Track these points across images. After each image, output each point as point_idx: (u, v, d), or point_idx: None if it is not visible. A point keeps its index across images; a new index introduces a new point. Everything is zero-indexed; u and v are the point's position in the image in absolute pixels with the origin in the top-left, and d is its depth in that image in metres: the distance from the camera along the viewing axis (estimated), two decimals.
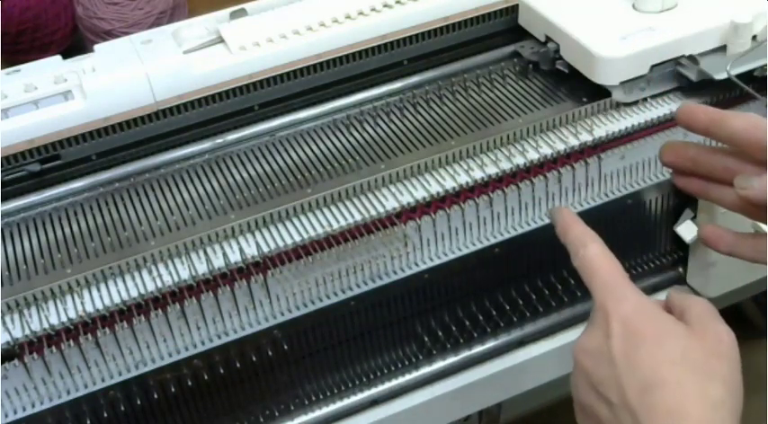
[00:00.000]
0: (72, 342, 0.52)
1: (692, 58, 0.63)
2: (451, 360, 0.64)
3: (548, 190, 0.60)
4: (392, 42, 0.68)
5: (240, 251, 0.55)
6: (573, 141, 0.60)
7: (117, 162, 0.64)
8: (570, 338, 0.66)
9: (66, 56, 0.66)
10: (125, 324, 0.53)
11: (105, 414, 0.55)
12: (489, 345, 0.65)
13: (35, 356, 0.51)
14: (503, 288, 0.64)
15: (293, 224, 0.56)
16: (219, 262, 0.54)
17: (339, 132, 0.65)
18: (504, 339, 0.65)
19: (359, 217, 0.56)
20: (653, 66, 0.62)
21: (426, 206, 0.57)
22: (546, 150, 0.60)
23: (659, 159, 0.56)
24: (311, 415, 0.62)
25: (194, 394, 0.57)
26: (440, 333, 0.63)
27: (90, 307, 0.52)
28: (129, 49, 0.64)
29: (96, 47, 0.66)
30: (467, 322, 0.63)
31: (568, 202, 0.61)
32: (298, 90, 0.67)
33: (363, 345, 0.62)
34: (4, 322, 0.52)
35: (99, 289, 0.53)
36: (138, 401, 0.56)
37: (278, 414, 0.61)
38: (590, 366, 0.46)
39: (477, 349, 0.65)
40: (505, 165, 0.59)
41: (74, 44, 1.23)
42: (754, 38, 0.63)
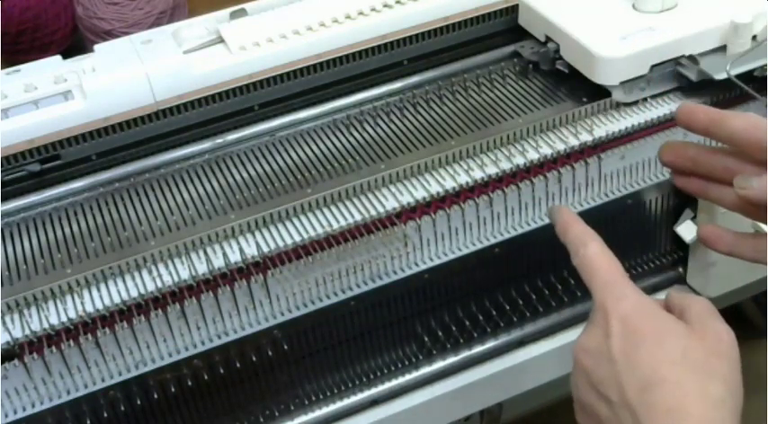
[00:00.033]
0: (72, 342, 0.52)
1: (692, 58, 0.63)
2: (451, 360, 0.64)
3: (548, 190, 0.60)
4: (392, 42, 0.68)
5: (240, 251, 0.55)
6: (573, 141, 0.60)
7: (117, 162, 0.64)
8: (570, 338, 0.66)
9: (66, 56, 0.66)
10: (125, 324, 0.53)
11: (105, 414, 0.55)
12: (489, 345, 0.65)
13: (35, 356, 0.51)
14: (503, 288, 0.64)
15: (293, 224, 0.56)
16: (219, 262, 0.54)
17: (339, 132, 0.65)
18: (504, 339, 0.65)
19: (359, 217, 0.56)
20: (653, 66, 0.62)
21: (426, 206, 0.57)
22: (546, 150, 0.60)
23: (659, 159, 0.56)
24: (311, 415, 0.62)
25: (194, 394, 0.57)
26: (440, 333, 0.63)
27: (90, 307, 0.52)
28: (129, 49, 0.64)
29: (96, 47, 0.66)
30: (467, 322, 0.63)
31: (568, 202, 0.61)
32: (298, 90, 0.67)
33: (363, 345, 0.62)
34: (4, 322, 0.52)
35: (99, 289, 0.53)
36: (138, 401, 0.56)
37: (278, 414, 0.61)
38: (590, 365, 0.46)
39: (477, 349, 0.65)
40: (505, 165, 0.59)
41: (74, 44, 1.23)
42: (754, 38, 0.63)
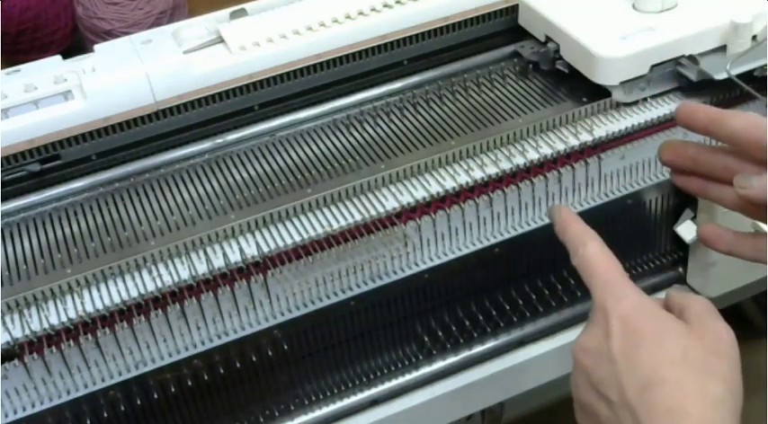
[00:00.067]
0: (72, 342, 0.52)
1: (692, 58, 0.63)
2: (451, 360, 0.64)
3: (548, 190, 0.60)
4: (392, 42, 0.68)
5: (240, 251, 0.55)
6: (573, 141, 0.60)
7: (117, 162, 0.64)
8: (570, 338, 0.66)
9: (66, 56, 0.66)
10: (125, 324, 0.53)
11: (105, 414, 0.55)
12: (489, 345, 0.65)
13: (35, 356, 0.51)
14: (503, 288, 0.64)
15: (293, 224, 0.56)
16: (219, 262, 0.54)
17: (339, 132, 0.65)
18: (504, 339, 0.65)
19: (359, 217, 0.56)
20: (653, 66, 0.62)
21: (426, 206, 0.57)
22: (546, 150, 0.60)
23: (658, 158, 0.56)
24: (311, 415, 0.62)
25: (194, 394, 0.57)
26: (440, 333, 0.63)
27: (90, 307, 0.52)
28: (129, 49, 0.64)
29: (96, 47, 0.66)
30: (467, 322, 0.63)
31: (568, 202, 0.61)
32: (298, 90, 0.67)
33: (363, 345, 0.62)
34: (4, 322, 0.52)
35: (99, 289, 0.53)
36: (138, 401, 0.56)
37: (278, 414, 0.61)
38: (590, 364, 0.46)
39: (477, 349, 0.65)
40: (505, 165, 0.59)
41: (74, 44, 1.23)
42: (754, 38, 0.63)
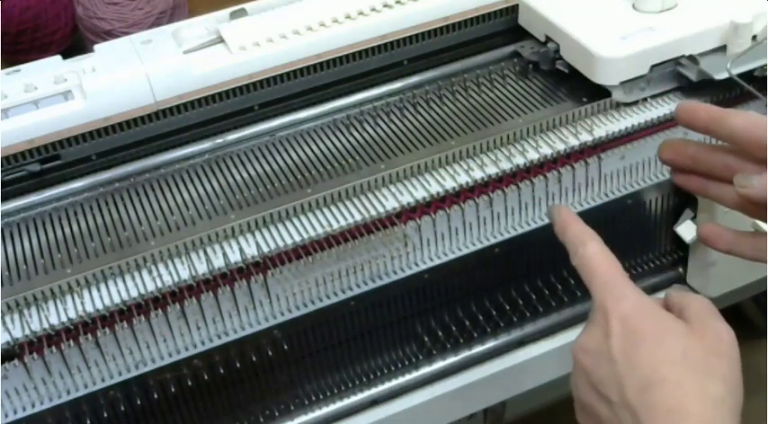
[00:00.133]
0: (72, 342, 0.52)
1: (692, 58, 0.63)
2: (451, 360, 0.64)
3: (548, 190, 0.60)
4: (392, 42, 0.68)
5: (240, 251, 0.55)
6: (573, 141, 0.60)
7: (117, 162, 0.64)
8: (570, 338, 0.66)
9: (66, 56, 0.66)
10: (125, 324, 0.53)
11: (105, 414, 0.55)
12: (489, 345, 0.65)
13: (35, 356, 0.51)
14: (503, 288, 0.64)
15: (293, 224, 0.56)
16: (219, 262, 0.54)
17: (339, 132, 0.65)
18: (504, 339, 0.65)
19: (359, 217, 0.56)
20: (653, 66, 0.62)
21: (426, 206, 0.57)
22: (546, 150, 0.60)
23: (658, 157, 0.56)
24: (311, 415, 0.62)
25: (194, 394, 0.57)
26: (440, 333, 0.63)
27: (90, 307, 0.52)
28: (129, 49, 0.64)
29: (96, 47, 0.66)
30: (467, 322, 0.63)
31: (568, 202, 0.61)
32: (298, 90, 0.67)
33: (363, 345, 0.62)
34: (4, 322, 0.52)
35: (99, 289, 0.53)
36: (138, 401, 0.56)
37: (278, 414, 0.61)
38: (590, 365, 0.46)
39: (478, 349, 0.65)
40: (505, 165, 0.59)
41: (74, 44, 1.23)
42: (754, 38, 0.63)
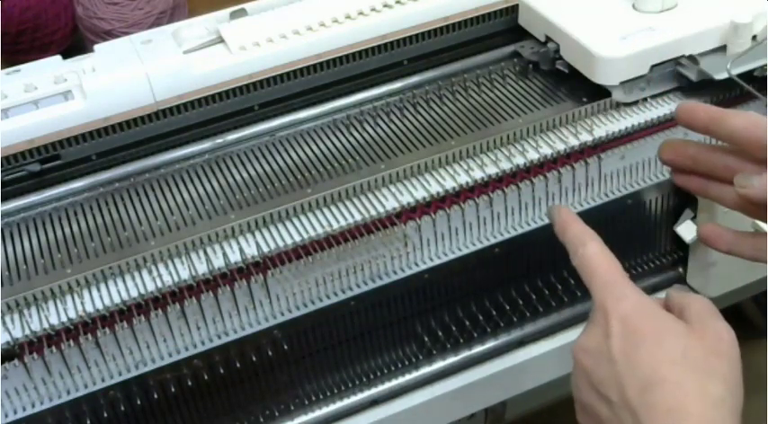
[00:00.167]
0: (72, 342, 0.52)
1: (692, 58, 0.63)
2: (451, 360, 0.64)
3: (548, 190, 0.60)
4: (392, 42, 0.68)
5: (240, 251, 0.55)
6: (573, 141, 0.60)
7: (117, 162, 0.64)
8: (570, 338, 0.66)
9: (66, 56, 0.66)
10: (125, 324, 0.53)
11: (105, 414, 0.55)
12: (489, 345, 0.65)
13: (35, 356, 0.51)
14: (503, 288, 0.64)
15: (293, 224, 0.56)
16: (219, 262, 0.54)
17: (339, 132, 0.65)
18: (504, 339, 0.65)
19: (359, 217, 0.56)
20: (653, 66, 0.62)
21: (426, 206, 0.57)
22: (546, 150, 0.60)
23: (659, 157, 0.56)
24: (311, 415, 0.62)
25: (194, 394, 0.57)
26: (440, 333, 0.63)
27: (90, 307, 0.52)
28: (129, 49, 0.64)
29: (96, 47, 0.66)
30: (467, 322, 0.63)
31: (568, 202, 0.61)
32: (298, 90, 0.67)
33: (363, 345, 0.62)
34: (4, 322, 0.52)
35: (99, 289, 0.53)
36: (138, 401, 0.56)
37: (278, 414, 0.61)
38: (590, 365, 0.46)
39: (477, 349, 0.65)
40: (505, 165, 0.59)
41: (74, 44, 1.23)
42: (754, 38, 0.63)
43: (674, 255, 0.69)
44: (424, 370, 0.64)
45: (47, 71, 0.64)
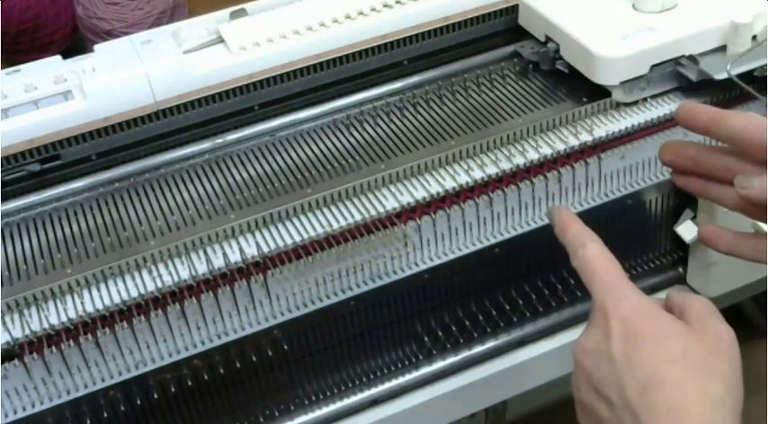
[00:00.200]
0: (72, 342, 0.52)
1: (692, 58, 0.63)
2: (451, 360, 0.64)
3: (548, 190, 0.60)
4: (392, 42, 0.68)
5: (240, 251, 0.55)
6: (573, 141, 0.60)
7: (117, 162, 0.64)
8: (570, 338, 0.66)
9: (66, 56, 0.66)
10: (125, 324, 0.53)
11: (105, 414, 0.55)
12: (489, 345, 0.65)
13: (35, 356, 0.51)
14: (503, 288, 0.64)
15: (293, 224, 0.56)
16: (219, 262, 0.54)
17: (339, 132, 0.65)
18: (504, 339, 0.65)
19: (359, 217, 0.56)
20: (653, 66, 0.62)
21: (426, 206, 0.57)
22: (546, 150, 0.60)
23: (659, 158, 0.56)
24: (311, 415, 0.62)
25: (194, 394, 0.57)
26: (440, 333, 0.63)
27: (90, 307, 0.52)
28: (129, 49, 0.64)
29: (96, 47, 0.66)
30: (467, 322, 0.63)
31: (568, 202, 0.61)
32: (298, 90, 0.67)
33: (363, 345, 0.62)
34: (4, 322, 0.52)
35: (99, 289, 0.53)
36: (138, 401, 0.56)
37: (278, 414, 0.61)
38: (590, 365, 0.46)
39: (478, 349, 0.65)
40: (505, 165, 0.59)
41: (74, 44, 1.23)
42: (754, 38, 0.63)
43: (674, 255, 0.69)
44: (424, 370, 0.64)
45: (47, 71, 0.64)
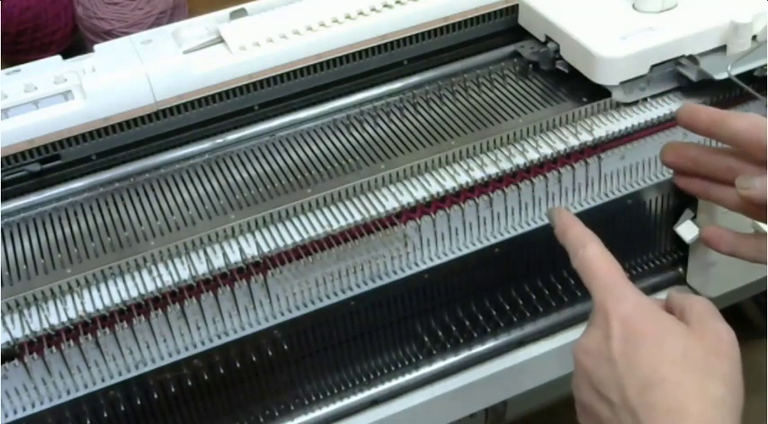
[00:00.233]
0: (72, 342, 0.52)
1: (692, 58, 0.63)
2: (451, 360, 0.64)
3: (548, 190, 0.60)
4: (392, 42, 0.68)
5: (240, 251, 0.55)
6: (573, 141, 0.60)
7: (117, 162, 0.64)
8: (570, 338, 0.66)
9: (66, 56, 0.66)
10: (125, 324, 0.53)
11: (105, 414, 0.55)
12: (489, 345, 0.65)
13: (35, 356, 0.51)
14: (503, 288, 0.64)
15: (293, 224, 0.56)
16: (219, 262, 0.54)
17: (339, 132, 0.65)
18: (504, 339, 0.65)
19: (359, 217, 0.56)
20: (653, 66, 0.62)
21: (426, 206, 0.57)
22: (546, 150, 0.60)
23: (660, 159, 0.56)
24: (311, 415, 0.62)
25: (194, 394, 0.57)
26: (440, 333, 0.63)
27: (90, 307, 0.52)
28: (129, 49, 0.64)
29: (96, 47, 0.66)
30: (467, 322, 0.63)
31: (568, 202, 0.61)
32: (298, 90, 0.67)
33: (363, 345, 0.62)
34: (4, 322, 0.52)
35: (99, 289, 0.53)
36: (138, 401, 0.56)
37: (278, 414, 0.61)
38: (590, 366, 0.46)
39: (477, 349, 0.65)
40: (505, 165, 0.59)
41: (74, 44, 1.23)
42: (754, 38, 0.63)
43: (674, 255, 0.69)
44: (424, 370, 0.64)
45: (47, 71, 0.64)
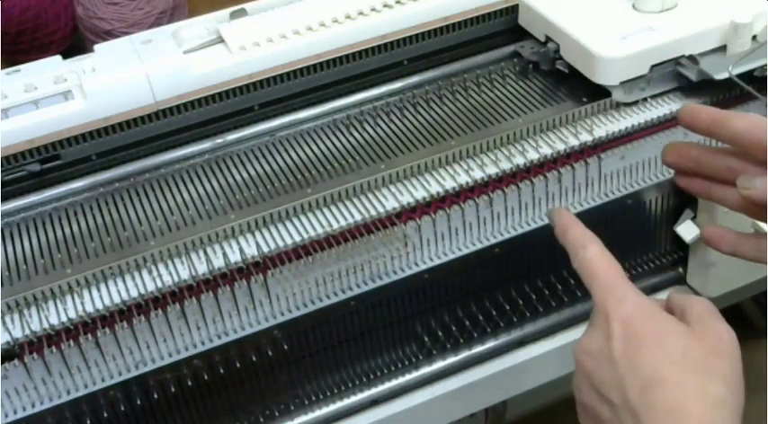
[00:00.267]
0: (72, 342, 0.52)
1: (692, 58, 0.63)
2: (451, 360, 0.64)
3: (548, 190, 0.60)
4: (392, 42, 0.68)
5: (240, 251, 0.55)
6: (573, 141, 0.60)
7: (117, 162, 0.64)
8: (570, 338, 0.66)
9: (66, 56, 0.66)
10: (125, 324, 0.53)
11: (105, 414, 0.55)
12: (489, 345, 0.65)
13: (35, 356, 0.51)
14: (503, 288, 0.64)
15: (293, 224, 0.56)
16: (219, 262, 0.54)
17: (339, 132, 0.65)
18: (504, 339, 0.65)
19: (359, 217, 0.56)
20: (653, 66, 0.62)
21: (426, 206, 0.57)
22: (546, 150, 0.60)
23: (662, 159, 0.56)
24: (311, 415, 0.62)
25: (194, 394, 0.57)
26: (440, 333, 0.63)
27: (90, 307, 0.52)
28: (129, 49, 0.64)
29: (96, 47, 0.66)
30: (467, 322, 0.63)
31: (568, 202, 0.61)
32: (298, 90, 0.67)
33: (363, 345, 0.62)
34: (4, 322, 0.52)
35: (99, 289, 0.53)
36: (138, 401, 0.56)
37: (278, 414, 0.61)
38: (591, 367, 0.46)
39: (477, 349, 0.65)
40: (505, 165, 0.59)
41: (74, 44, 1.23)
42: (755, 38, 0.63)
43: (674, 255, 0.69)
44: (424, 370, 0.64)
45: (47, 71, 0.64)
